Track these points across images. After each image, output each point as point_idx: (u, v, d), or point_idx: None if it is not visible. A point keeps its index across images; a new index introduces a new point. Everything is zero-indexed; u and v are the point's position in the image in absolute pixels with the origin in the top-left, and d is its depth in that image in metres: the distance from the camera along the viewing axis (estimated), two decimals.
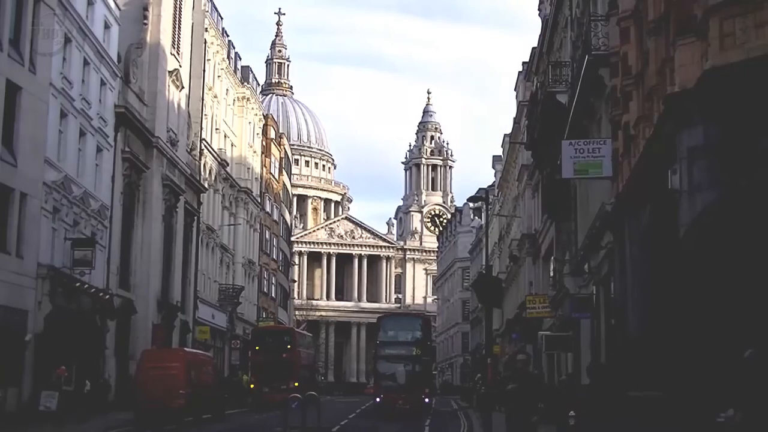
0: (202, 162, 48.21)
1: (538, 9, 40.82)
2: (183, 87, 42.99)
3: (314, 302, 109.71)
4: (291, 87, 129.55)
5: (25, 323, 26.03)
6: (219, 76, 53.58)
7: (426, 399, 35.38)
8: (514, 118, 49.83)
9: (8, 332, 24.88)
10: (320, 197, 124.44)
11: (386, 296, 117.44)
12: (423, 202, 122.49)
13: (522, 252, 45.06)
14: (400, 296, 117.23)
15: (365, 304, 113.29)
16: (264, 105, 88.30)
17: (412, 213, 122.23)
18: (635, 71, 16.43)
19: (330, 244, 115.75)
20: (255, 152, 63.35)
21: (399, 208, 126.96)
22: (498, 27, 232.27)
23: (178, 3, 42.49)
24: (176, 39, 42.12)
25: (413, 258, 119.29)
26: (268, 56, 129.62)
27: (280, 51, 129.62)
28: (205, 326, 46.59)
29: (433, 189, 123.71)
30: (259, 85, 77.96)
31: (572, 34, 26.83)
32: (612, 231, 19.35)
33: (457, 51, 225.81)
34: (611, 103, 19.12)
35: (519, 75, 50.25)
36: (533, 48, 40.47)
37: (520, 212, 46.66)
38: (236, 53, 59.79)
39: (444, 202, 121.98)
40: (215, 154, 51.89)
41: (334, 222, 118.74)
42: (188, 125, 44.66)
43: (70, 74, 29.62)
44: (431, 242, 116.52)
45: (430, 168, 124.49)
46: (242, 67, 62.08)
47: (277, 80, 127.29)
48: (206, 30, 48.66)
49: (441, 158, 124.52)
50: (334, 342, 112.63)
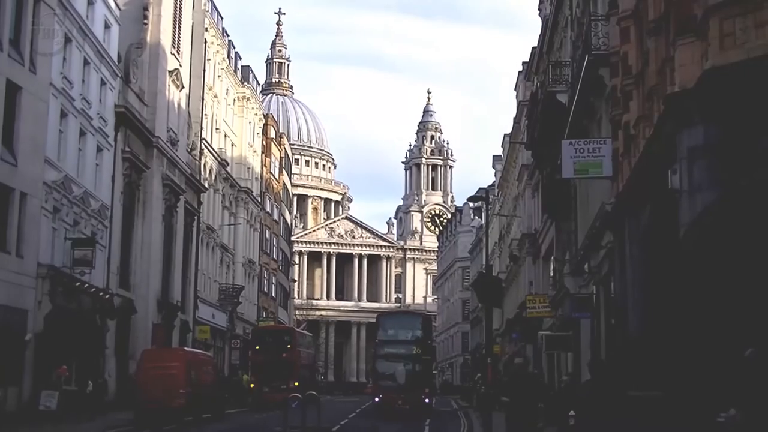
0: (203, 162, 48.21)
1: (538, 9, 40.81)
2: (183, 87, 42.99)
3: (314, 302, 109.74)
4: (291, 87, 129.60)
5: (25, 323, 26.03)
6: (219, 76, 53.59)
7: (426, 399, 34.65)
8: (514, 118, 49.82)
9: (8, 332, 24.88)
10: (320, 197, 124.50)
11: (386, 296, 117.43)
12: (423, 202, 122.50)
13: (522, 252, 45.05)
14: (400, 296, 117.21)
15: (365, 304, 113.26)
16: (264, 105, 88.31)
17: (413, 213, 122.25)
18: (635, 71, 16.42)
19: (330, 244, 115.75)
20: (255, 152, 63.36)
21: (399, 208, 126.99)
22: (498, 27, 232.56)
23: (179, 3, 42.48)
24: (176, 39, 42.12)
25: (413, 258, 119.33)
26: (268, 56, 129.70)
27: (281, 51, 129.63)
28: (205, 326, 46.59)
29: (433, 189, 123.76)
30: (260, 85, 77.92)
31: (572, 34, 26.84)
32: (612, 231, 19.34)
33: (457, 51, 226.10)
34: (611, 103, 19.11)
35: (519, 75, 50.22)
36: (533, 48, 40.46)
37: (520, 212, 46.65)
38: (236, 53, 59.78)
39: (444, 202, 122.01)
40: (215, 154, 51.89)
41: (335, 222, 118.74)
42: (188, 125, 44.67)
43: (71, 74, 29.60)
44: (431, 242, 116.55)
45: (431, 168, 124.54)
46: (242, 67, 62.08)
47: (278, 80, 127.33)
48: (206, 30, 48.66)
49: (441, 158, 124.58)
50: (334, 342, 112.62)
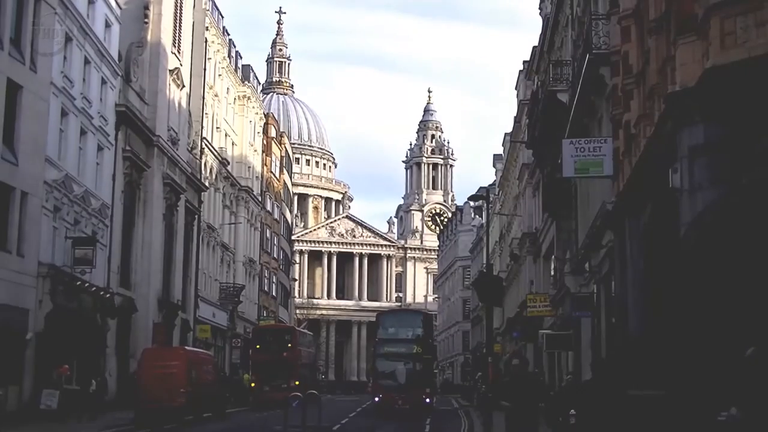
0: (203, 161, 48.22)
1: (539, 8, 40.80)
2: (184, 86, 42.99)
3: (315, 301, 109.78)
4: (292, 86, 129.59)
5: (26, 322, 26.01)
6: (220, 75, 53.59)
7: (427, 399, 34.34)
8: (515, 117, 49.82)
9: (9, 331, 24.87)
10: (321, 196, 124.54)
11: (387, 295, 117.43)
12: (424, 201, 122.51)
13: (523, 251, 45.06)
14: (401, 295, 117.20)
15: (366, 303, 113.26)
16: (265, 104, 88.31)
17: (413, 212, 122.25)
18: (636, 70, 16.41)
19: (331, 243, 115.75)
20: (256, 151, 63.36)
21: (400, 207, 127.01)
22: (499, 26, 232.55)
23: (179, 2, 42.47)
24: (177, 38, 42.11)
25: (414, 257, 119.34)
26: (269, 55, 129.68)
27: (281, 50, 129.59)
28: (206, 325, 46.59)
29: (434, 188, 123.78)
30: (260, 84, 77.90)
31: (573, 33, 26.83)
32: (612, 230, 19.34)
33: (458, 50, 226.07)
34: (612, 102, 19.10)
35: (520, 74, 50.21)
36: (534, 47, 40.44)
37: (521, 211, 46.65)
38: (237, 52, 59.75)
39: (445, 201, 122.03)
40: (216, 153, 51.90)
41: (335, 221, 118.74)
42: (189, 124, 44.67)
43: (71, 73, 29.58)
44: (432, 241, 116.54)
45: (431, 167, 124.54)
46: (243, 66, 62.04)
47: (278, 79, 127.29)
48: (207, 29, 48.66)
49: (442, 157, 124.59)
50: (335, 341, 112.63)
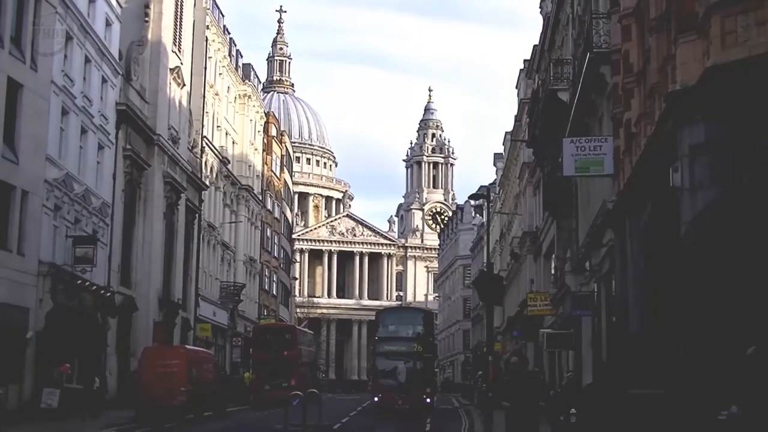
0: (204, 159, 48.22)
1: (540, 6, 40.77)
2: (184, 84, 42.99)
3: (315, 300, 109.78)
4: (292, 84, 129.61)
5: (27, 320, 26.03)
6: (220, 74, 53.59)
7: (427, 399, 33.94)
8: (516, 116, 49.79)
9: (9, 329, 24.89)
10: (321, 195, 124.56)
11: (387, 294, 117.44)
12: (424, 200, 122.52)
13: (523, 249, 45.04)
14: (402, 294, 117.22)
15: (366, 302, 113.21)
16: (265, 102, 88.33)
17: (414, 210, 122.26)
18: (637, 69, 16.40)
19: (331, 242, 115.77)
20: (256, 150, 63.35)
21: (400, 206, 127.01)
22: (499, 24, 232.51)
23: (180, 0, 42.47)
24: (177, 36, 42.10)
25: (414, 255, 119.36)
26: (270, 54, 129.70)
27: (282, 48, 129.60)
28: (207, 324, 46.59)
29: (435, 186, 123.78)
30: (261, 83, 77.87)
31: (574, 32, 26.81)
32: (613, 229, 19.32)
33: (459, 48, 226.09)
34: (613, 101, 19.09)
35: (520, 72, 50.18)
36: (534, 45, 40.41)
37: (521, 210, 46.62)
38: (237, 51, 59.74)
39: (445, 200, 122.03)
40: (216, 152, 51.91)
41: (336, 219, 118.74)
42: (189, 123, 44.67)
43: (72, 72, 29.58)
44: (432, 240, 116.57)
45: (432, 165, 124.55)
46: (243, 65, 62.04)
47: (279, 78, 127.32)
48: (207, 27, 48.64)
49: (442, 156, 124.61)
50: (335, 339, 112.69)
